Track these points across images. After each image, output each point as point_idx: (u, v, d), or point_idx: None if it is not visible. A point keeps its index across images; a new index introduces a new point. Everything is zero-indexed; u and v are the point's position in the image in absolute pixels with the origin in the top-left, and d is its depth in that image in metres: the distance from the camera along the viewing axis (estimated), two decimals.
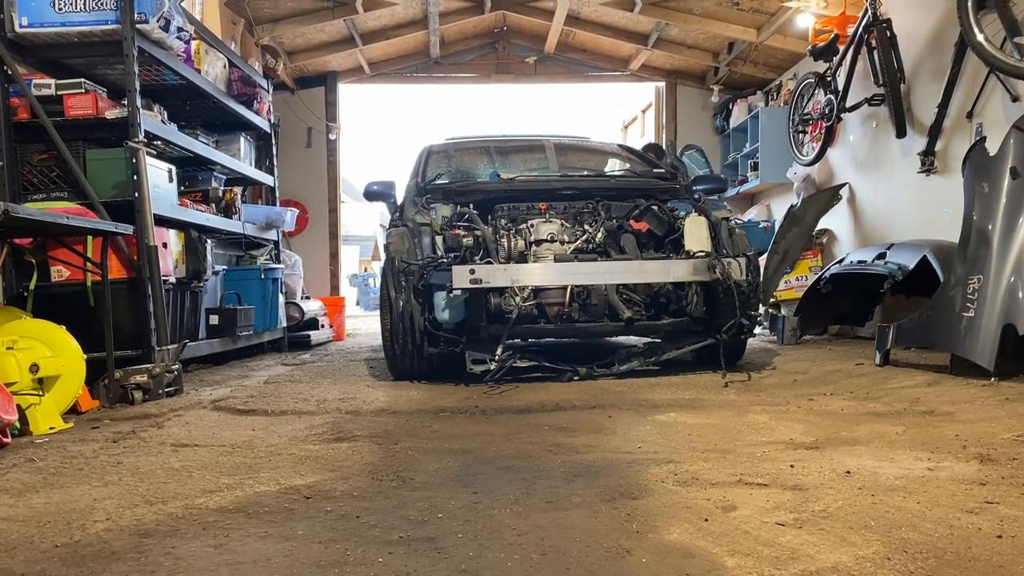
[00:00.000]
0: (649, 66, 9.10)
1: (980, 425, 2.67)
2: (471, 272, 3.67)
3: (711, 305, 4.11)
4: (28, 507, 2.00)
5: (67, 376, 3.26)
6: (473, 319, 3.92)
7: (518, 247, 4.14)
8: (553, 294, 4.04)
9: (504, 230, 4.23)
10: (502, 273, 3.73)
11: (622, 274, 3.88)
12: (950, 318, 3.71)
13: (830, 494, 1.94)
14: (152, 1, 4.18)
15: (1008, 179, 3.63)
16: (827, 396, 3.45)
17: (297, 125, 8.89)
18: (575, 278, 3.89)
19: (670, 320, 4.09)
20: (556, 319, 4.04)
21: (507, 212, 4.41)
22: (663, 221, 4.37)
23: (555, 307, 4.05)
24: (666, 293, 4.10)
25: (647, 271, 3.89)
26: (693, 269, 3.88)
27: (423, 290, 3.86)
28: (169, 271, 4.48)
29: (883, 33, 5.43)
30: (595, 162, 5.51)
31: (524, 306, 3.90)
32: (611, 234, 4.23)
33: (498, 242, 4.12)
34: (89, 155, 4.22)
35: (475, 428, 2.95)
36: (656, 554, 1.58)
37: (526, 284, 3.82)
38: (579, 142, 5.80)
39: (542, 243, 4.20)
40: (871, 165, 6.18)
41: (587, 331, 4.06)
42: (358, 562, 1.57)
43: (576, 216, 4.39)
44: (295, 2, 7.17)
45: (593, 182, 4.82)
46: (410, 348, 4.04)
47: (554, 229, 4.26)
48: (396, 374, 4.27)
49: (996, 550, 1.54)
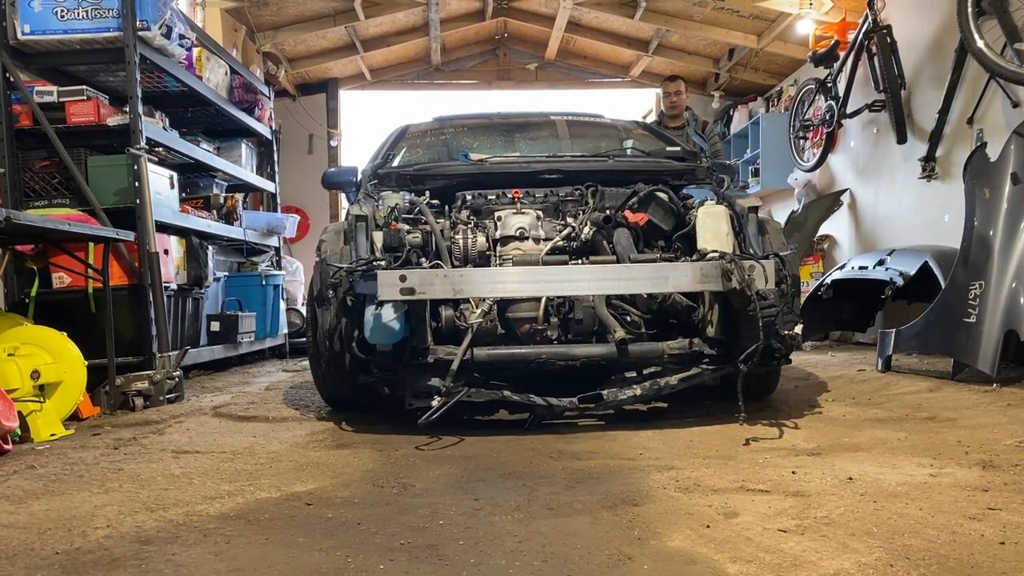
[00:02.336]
0: (650, 72, 9.11)
1: (982, 431, 2.66)
2: (401, 279, 2.75)
3: (734, 321, 3.05)
4: (29, 514, 1.99)
5: (68, 383, 3.25)
6: (417, 339, 2.97)
7: (478, 245, 3.25)
8: (524, 307, 3.15)
9: (463, 224, 3.34)
10: (441, 281, 2.79)
11: (601, 282, 2.89)
12: (952, 324, 3.71)
13: (832, 500, 1.94)
14: (154, 8, 4.19)
15: (1009, 185, 3.63)
16: (829, 402, 3.44)
17: (298, 132, 8.91)
18: (538, 287, 2.91)
19: (677, 343, 3.07)
20: (527, 339, 3.15)
21: (471, 202, 3.47)
22: (670, 211, 3.37)
23: (525, 324, 3.15)
24: (674, 305, 3.15)
25: (635, 278, 2.89)
26: (700, 275, 2.84)
27: (351, 302, 2.98)
28: (170, 277, 4.49)
29: (883, 39, 5.44)
30: (612, 143, 4.36)
31: (484, 322, 3.00)
32: (601, 228, 3.29)
33: (453, 239, 3.26)
34: (91, 162, 4.23)
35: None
36: (658, 561, 1.58)
37: (472, 295, 2.91)
38: (595, 119, 4.70)
39: (510, 240, 3.31)
40: (872, 171, 6.18)
41: (565, 356, 3.02)
42: (359, 569, 1.57)
43: (558, 206, 3.48)
44: (296, 9, 7.18)
45: (584, 163, 3.75)
46: (339, 375, 3.24)
47: (526, 222, 3.34)
48: (331, 403, 3.55)
49: (999, 556, 1.53)
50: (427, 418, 2.79)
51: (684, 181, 3.74)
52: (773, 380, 3.50)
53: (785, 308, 2.98)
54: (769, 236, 3.22)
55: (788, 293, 2.99)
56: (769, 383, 3.49)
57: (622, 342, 2.97)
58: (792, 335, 2.98)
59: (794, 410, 3.25)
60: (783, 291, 2.96)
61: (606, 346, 3.02)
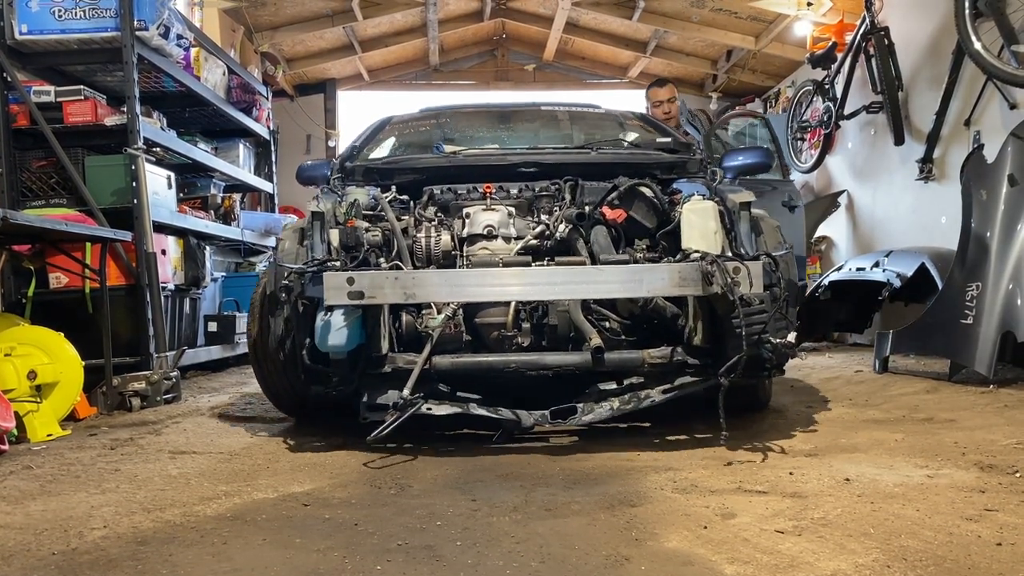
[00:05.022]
0: (648, 74, 9.10)
1: (979, 432, 2.67)
2: (349, 282, 2.53)
3: (722, 329, 2.75)
4: (25, 515, 1.99)
5: (65, 383, 3.25)
6: (373, 347, 2.74)
7: (442, 245, 2.99)
8: (494, 312, 2.93)
9: (428, 221, 3.09)
10: (392, 284, 2.56)
11: (568, 285, 2.63)
12: (949, 325, 3.71)
13: (829, 501, 1.94)
14: (152, 8, 4.19)
15: (1006, 186, 3.64)
16: (826, 403, 3.45)
17: (296, 132, 8.89)
18: (497, 290, 2.66)
19: (659, 352, 2.81)
20: (497, 346, 2.92)
21: (439, 197, 3.22)
22: (654, 207, 3.10)
23: (494, 330, 2.93)
24: (657, 310, 2.89)
25: (606, 281, 2.62)
26: (678, 278, 2.57)
27: (303, 306, 2.73)
28: (168, 278, 4.48)
29: (881, 41, 5.45)
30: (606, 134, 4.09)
31: (448, 328, 2.81)
32: (577, 226, 3.03)
33: (415, 238, 3.02)
34: (88, 162, 4.22)
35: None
36: (655, 562, 1.58)
37: (425, 299, 2.67)
38: (589, 109, 4.39)
39: (478, 239, 3.07)
40: (869, 172, 6.19)
41: (535, 365, 2.78)
42: (356, 570, 1.57)
43: (533, 201, 3.22)
44: (295, 9, 7.18)
45: (564, 155, 3.48)
46: (295, 384, 2.99)
47: (495, 220, 3.08)
48: (286, 412, 3.36)
49: (996, 558, 1.54)
50: (376, 435, 2.54)
51: (675, 174, 3.46)
52: (763, 394, 3.21)
53: (777, 314, 2.74)
54: (764, 235, 2.94)
55: (781, 297, 2.72)
56: (759, 396, 3.20)
57: (598, 350, 2.73)
58: (785, 343, 2.71)
59: (791, 411, 3.26)
60: (775, 295, 2.70)
61: (580, 354, 2.78)
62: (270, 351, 2.96)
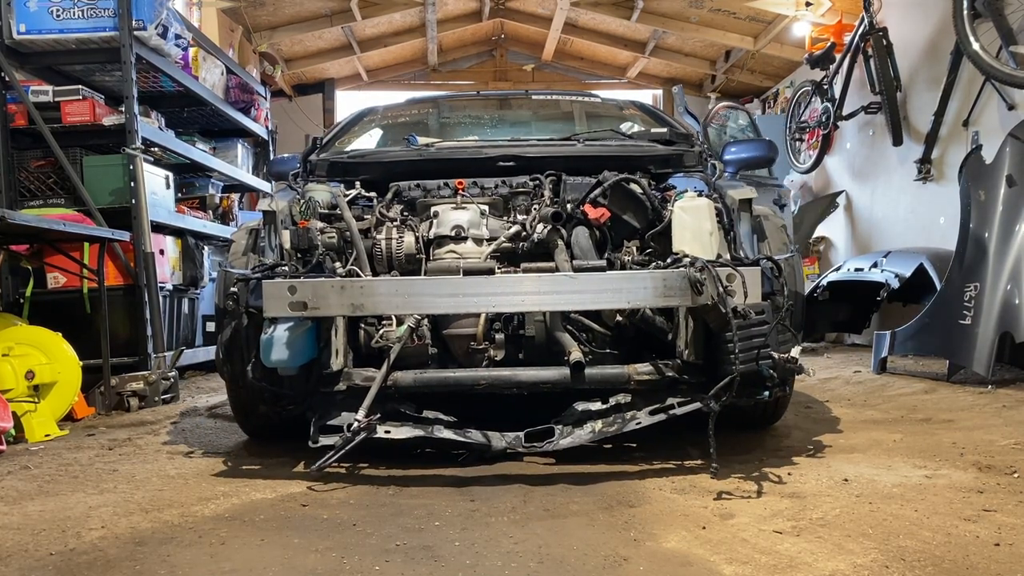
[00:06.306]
0: (647, 74, 9.13)
1: (977, 433, 2.67)
2: (291, 291, 2.23)
3: (716, 342, 2.42)
4: (23, 515, 1.99)
5: (63, 383, 3.24)
6: (324, 362, 2.46)
7: (404, 247, 2.67)
8: (465, 322, 2.62)
9: (391, 221, 2.76)
10: (338, 293, 2.25)
11: (538, 295, 2.30)
12: (947, 326, 3.72)
13: (828, 502, 1.94)
14: (150, 8, 4.19)
15: (1004, 187, 3.64)
16: (824, 403, 3.45)
17: (295, 132, 8.87)
18: (456, 301, 2.31)
19: (646, 367, 2.48)
20: (469, 361, 2.63)
21: (405, 194, 2.94)
22: (642, 205, 2.70)
23: (464, 342, 2.62)
24: (644, 320, 2.55)
25: (581, 291, 2.28)
26: (663, 287, 2.25)
27: (248, 317, 2.49)
28: (166, 278, 4.48)
29: (879, 41, 5.46)
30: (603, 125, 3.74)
31: (411, 341, 2.48)
32: (556, 226, 2.66)
33: (376, 240, 2.70)
34: (86, 161, 4.21)
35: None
36: (654, 562, 1.58)
37: (375, 311, 2.34)
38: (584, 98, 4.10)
39: (447, 241, 2.74)
40: (868, 173, 6.19)
41: (508, 381, 2.47)
42: (355, 570, 1.56)
43: (509, 199, 2.91)
44: (293, 9, 7.18)
45: (547, 147, 3.16)
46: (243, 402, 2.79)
47: (464, 219, 2.75)
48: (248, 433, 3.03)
49: (994, 558, 1.54)
50: (320, 465, 2.27)
51: (670, 168, 3.13)
52: (770, 412, 2.84)
53: (780, 325, 2.41)
54: (768, 239, 2.66)
55: (783, 307, 2.42)
56: (766, 414, 2.85)
57: (577, 366, 2.41)
58: (788, 359, 2.38)
59: (790, 411, 3.26)
60: (777, 304, 2.40)
61: (558, 370, 2.45)
62: (218, 365, 2.68)
